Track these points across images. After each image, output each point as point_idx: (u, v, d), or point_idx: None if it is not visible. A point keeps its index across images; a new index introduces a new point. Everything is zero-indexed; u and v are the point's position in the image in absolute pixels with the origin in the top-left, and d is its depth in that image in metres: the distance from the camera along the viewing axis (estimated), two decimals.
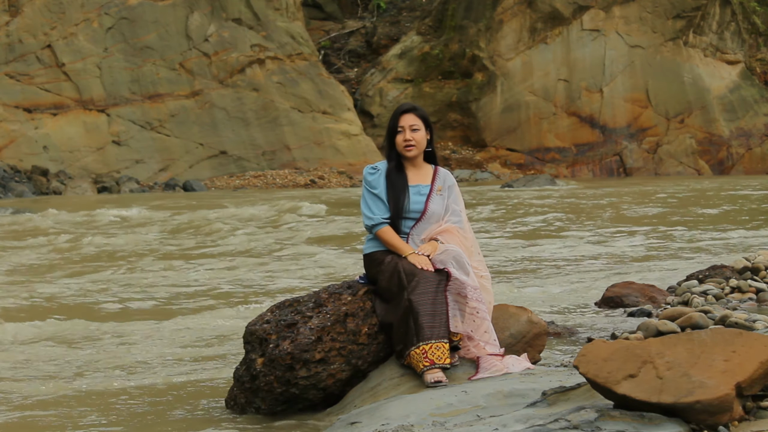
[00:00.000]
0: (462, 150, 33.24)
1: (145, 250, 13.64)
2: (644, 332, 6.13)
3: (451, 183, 5.43)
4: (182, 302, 9.26)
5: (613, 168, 33.71)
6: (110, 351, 7.04)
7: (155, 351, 6.98)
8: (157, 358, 6.72)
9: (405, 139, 5.34)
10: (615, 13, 33.84)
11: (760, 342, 3.68)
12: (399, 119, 5.36)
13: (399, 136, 5.36)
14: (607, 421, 3.56)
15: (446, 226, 5.30)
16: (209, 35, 30.36)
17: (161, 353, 6.90)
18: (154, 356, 6.80)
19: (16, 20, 28.72)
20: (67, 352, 7.03)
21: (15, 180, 26.46)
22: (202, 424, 5.04)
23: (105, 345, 7.26)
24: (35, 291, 9.99)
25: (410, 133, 5.33)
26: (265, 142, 30.41)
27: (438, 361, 4.89)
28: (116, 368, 6.44)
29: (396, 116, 5.38)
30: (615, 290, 8.10)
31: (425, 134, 5.38)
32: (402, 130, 5.35)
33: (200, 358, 6.72)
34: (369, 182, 5.34)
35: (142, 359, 6.71)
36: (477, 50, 33.26)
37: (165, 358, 6.72)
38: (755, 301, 7.55)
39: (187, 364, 6.53)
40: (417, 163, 5.41)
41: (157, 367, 6.44)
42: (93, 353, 6.97)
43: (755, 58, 36.29)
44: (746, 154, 34.36)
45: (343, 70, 35.54)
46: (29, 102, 28.42)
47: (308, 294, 5.43)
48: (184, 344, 7.20)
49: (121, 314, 8.66)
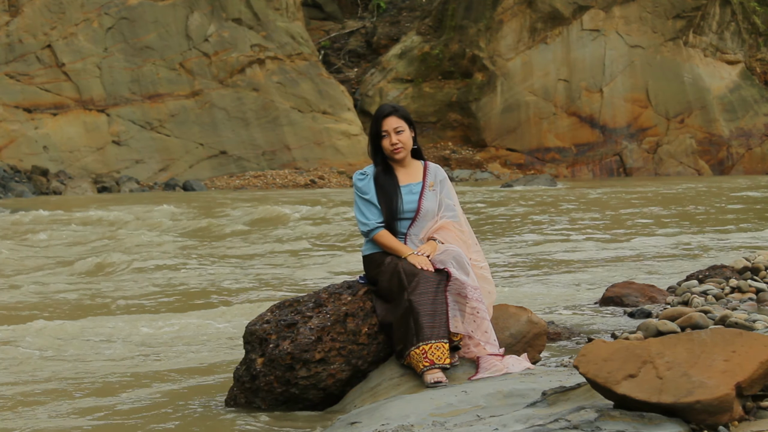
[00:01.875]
0: (462, 150, 33.24)
1: (148, 250, 13.64)
2: (644, 332, 6.13)
3: (442, 177, 5.39)
4: (182, 301, 9.26)
5: (613, 168, 33.70)
6: (110, 350, 7.04)
7: (155, 351, 6.97)
8: (156, 358, 6.72)
9: (392, 143, 5.30)
10: (615, 13, 33.84)
11: (760, 342, 3.68)
12: (382, 123, 5.31)
13: (385, 140, 5.32)
14: (607, 421, 3.56)
15: (442, 222, 5.28)
16: (209, 35, 30.36)
17: (161, 353, 6.90)
18: (153, 356, 6.80)
19: (16, 20, 28.72)
20: (65, 351, 7.02)
21: (15, 180, 26.46)
22: (202, 423, 5.04)
23: (105, 344, 7.26)
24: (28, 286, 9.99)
25: (396, 137, 5.30)
26: (265, 142, 30.42)
27: (438, 361, 4.88)
28: (115, 367, 6.44)
29: (378, 120, 5.32)
30: (615, 290, 8.09)
31: (410, 133, 5.36)
32: (387, 134, 5.31)
33: (200, 357, 6.72)
34: (359, 188, 5.31)
35: (142, 359, 6.71)
36: (477, 50, 33.26)
37: (165, 358, 6.72)
38: (755, 301, 7.55)
39: (186, 363, 6.53)
40: (405, 163, 5.38)
41: (157, 367, 6.44)
42: (93, 353, 6.96)
43: (755, 58, 36.28)
44: (746, 154, 34.36)
45: (343, 70, 35.54)
46: (29, 102, 28.42)
47: (308, 294, 5.43)
48: (184, 344, 7.20)
49: (120, 313, 8.66)
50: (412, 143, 5.36)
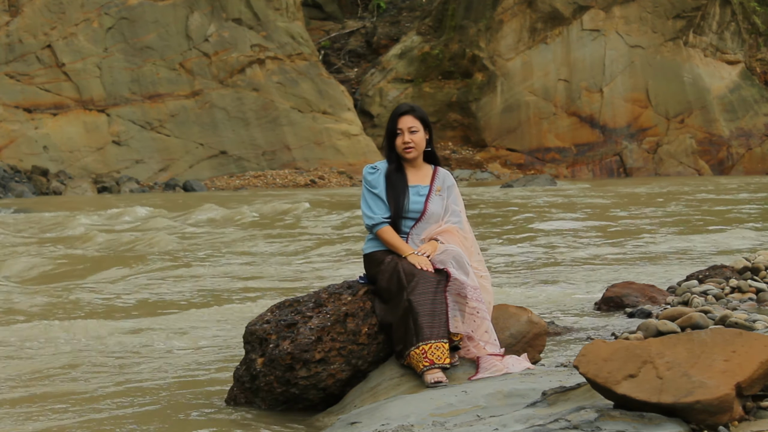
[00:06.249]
0: (462, 150, 33.24)
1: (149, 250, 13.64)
2: (644, 332, 6.13)
3: (450, 183, 5.42)
4: (182, 301, 9.26)
5: (613, 168, 33.70)
6: (109, 350, 7.03)
7: (154, 350, 6.97)
8: (156, 358, 6.72)
9: (404, 142, 5.32)
10: (615, 13, 33.84)
11: (760, 342, 3.68)
12: (397, 121, 5.34)
13: (398, 138, 5.34)
14: (607, 421, 3.56)
15: (446, 227, 5.30)
16: (209, 35, 30.36)
17: (161, 353, 6.89)
18: (153, 355, 6.80)
19: (16, 20, 28.72)
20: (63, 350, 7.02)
21: (15, 180, 26.45)
22: (202, 423, 5.04)
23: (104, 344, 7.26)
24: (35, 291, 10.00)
25: (409, 135, 5.32)
26: (265, 142, 30.41)
27: (438, 361, 4.89)
28: (115, 367, 6.44)
29: (394, 118, 5.36)
30: (615, 290, 8.09)
31: (424, 135, 5.36)
32: (401, 132, 5.33)
33: (200, 357, 6.72)
34: (369, 182, 5.33)
35: (142, 358, 6.70)
36: (477, 50, 33.26)
37: (164, 358, 6.72)
38: (755, 301, 7.55)
39: (186, 363, 6.52)
40: (416, 164, 5.40)
41: (157, 367, 6.44)
42: (92, 352, 6.96)
43: (755, 58, 36.28)
44: (746, 154, 34.36)
45: (343, 70, 35.54)
46: (29, 102, 28.41)
47: (308, 294, 5.43)
48: (184, 343, 7.19)
49: (119, 313, 8.66)
50: (424, 145, 5.37)
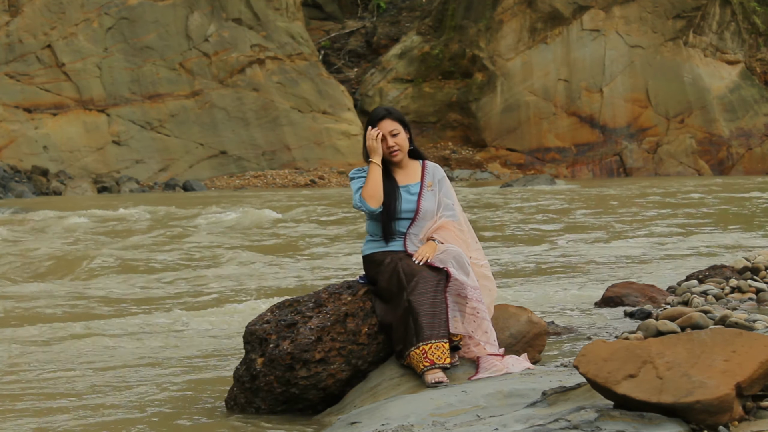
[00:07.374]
0: (462, 150, 33.24)
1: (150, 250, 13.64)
2: (644, 332, 6.13)
3: (440, 176, 5.38)
4: (182, 301, 9.26)
5: (613, 168, 33.70)
6: (109, 349, 7.03)
7: (154, 350, 6.97)
8: (156, 358, 6.72)
9: (388, 147, 5.30)
10: (615, 13, 33.84)
11: (760, 342, 3.68)
12: (377, 127, 5.32)
13: (382, 144, 5.31)
14: (607, 421, 3.56)
15: (441, 222, 5.27)
16: (209, 35, 30.36)
17: (160, 352, 6.89)
18: (153, 356, 6.80)
19: (16, 20, 28.72)
20: (63, 350, 7.02)
21: (15, 180, 26.46)
22: (202, 424, 5.04)
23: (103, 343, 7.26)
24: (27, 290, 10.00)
25: (392, 140, 5.30)
26: (265, 142, 30.42)
27: (438, 361, 4.88)
28: (115, 367, 6.44)
29: (373, 124, 5.32)
30: (615, 290, 8.09)
31: (405, 135, 5.35)
32: (383, 138, 5.32)
33: (200, 357, 6.71)
34: (357, 175, 5.30)
35: (141, 359, 6.70)
36: (477, 50, 33.26)
37: (164, 358, 6.72)
38: (755, 301, 7.54)
39: (186, 363, 6.52)
40: (403, 164, 5.38)
41: (157, 367, 6.44)
42: (92, 352, 6.96)
43: (755, 58, 36.27)
44: (746, 154, 34.35)
45: (343, 70, 35.54)
46: (29, 102, 28.42)
47: (308, 294, 5.43)
48: (184, 344, 7.19)
49: (119, 313, 8.66)
50: (408, 144, 5.36)
